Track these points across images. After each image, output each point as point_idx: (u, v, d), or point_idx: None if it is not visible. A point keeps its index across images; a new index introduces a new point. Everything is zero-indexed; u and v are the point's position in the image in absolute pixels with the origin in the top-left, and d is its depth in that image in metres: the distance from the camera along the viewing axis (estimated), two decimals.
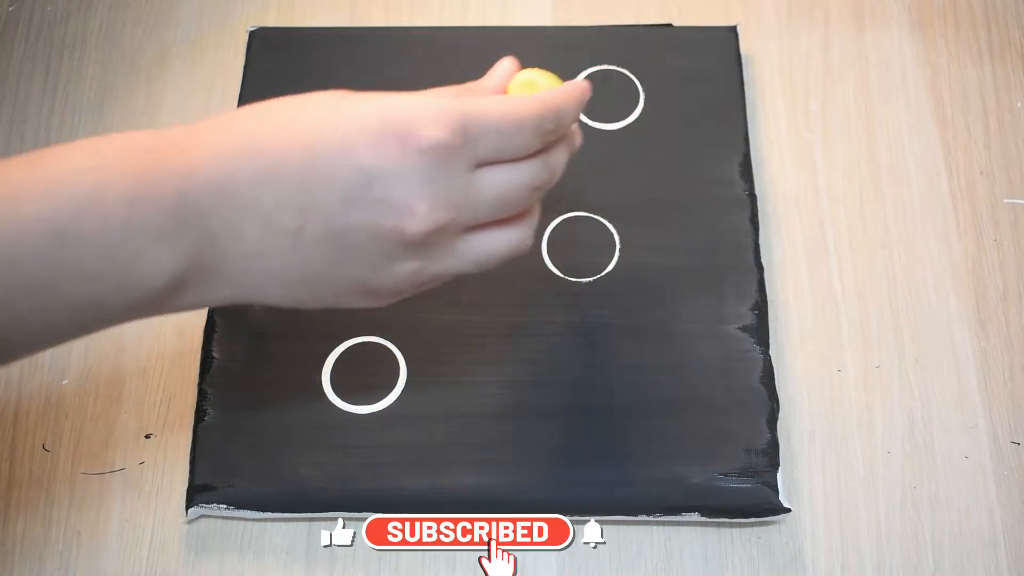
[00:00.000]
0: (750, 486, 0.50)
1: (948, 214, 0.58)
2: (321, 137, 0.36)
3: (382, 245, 0.38)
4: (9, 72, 0.63)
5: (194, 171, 0.36)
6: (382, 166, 0.36)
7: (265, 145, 0.36)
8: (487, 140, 0.38)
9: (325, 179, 0.36)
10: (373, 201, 0.36)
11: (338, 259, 0.38)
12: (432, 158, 0.36)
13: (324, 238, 0.37)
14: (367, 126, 0.37)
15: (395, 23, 0.64)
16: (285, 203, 0.36)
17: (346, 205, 0.36)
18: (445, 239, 0.39)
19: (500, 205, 0.39)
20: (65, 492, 0.52)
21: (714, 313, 0.54)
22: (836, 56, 0.63)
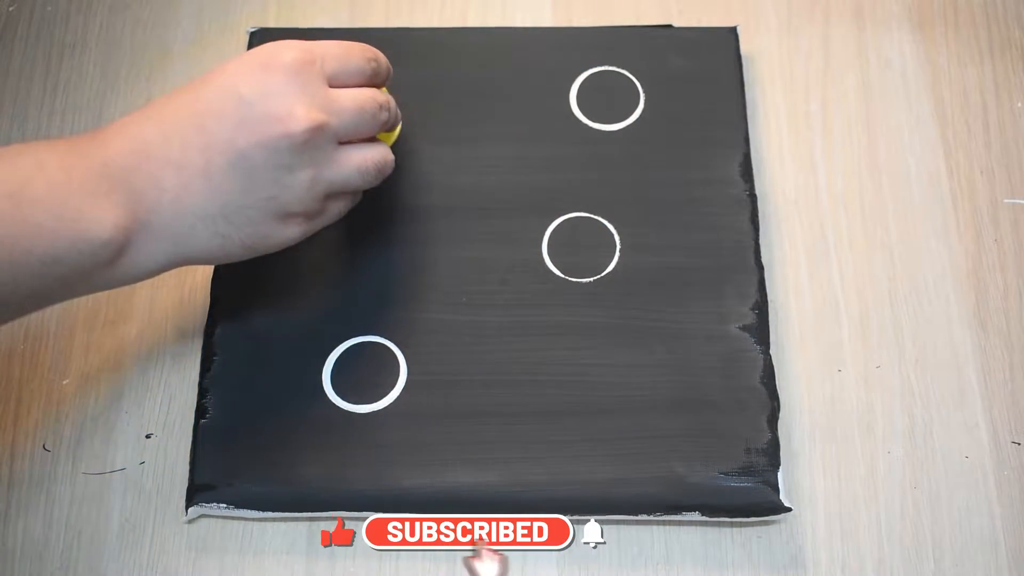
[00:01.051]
0: (750, 485, 0.50)
1: (948, 214, 0.58)
2: (204, 84, 0.45)
3: (277, 156, 0.44)
4: (9, 72, 0.63)
5: (109, 143, 0.43)
6: (256, 88, 0.44)
7: (163, 110, 0.45)
8: (330, 58, 0.47)
9: (215, 115, 0.44)
10: (258, 119, 0.44)
11: (246, 184, 0.44)
12: (293, 72, 0.45)
13: (229, 165, 0.44)
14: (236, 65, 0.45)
15: (395, 23, 0.64)
16: (189, 146, 0.44)
17: (237, 129, 0.44)
18: (324, 142, 0.46)
19: (359, 114, 0.47)
20: (65, 492, 0.52)
21: (714, 313, 0.54)
22: (836, 56, 0.63)
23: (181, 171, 0.44)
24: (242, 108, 0.44)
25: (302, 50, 0.46)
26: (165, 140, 0.44)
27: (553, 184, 0.57)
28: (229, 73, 0.45)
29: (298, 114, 0.44)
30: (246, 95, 0.44)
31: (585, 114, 0.59)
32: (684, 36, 0.61)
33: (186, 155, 0.44)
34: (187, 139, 0.44)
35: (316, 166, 0.46)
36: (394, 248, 0.56)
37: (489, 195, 0.57)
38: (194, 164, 0.44)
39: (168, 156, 0.43)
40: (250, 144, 0.44)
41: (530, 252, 0.55)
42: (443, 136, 0.59)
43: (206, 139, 0.44)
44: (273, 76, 0.45)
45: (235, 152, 0.44)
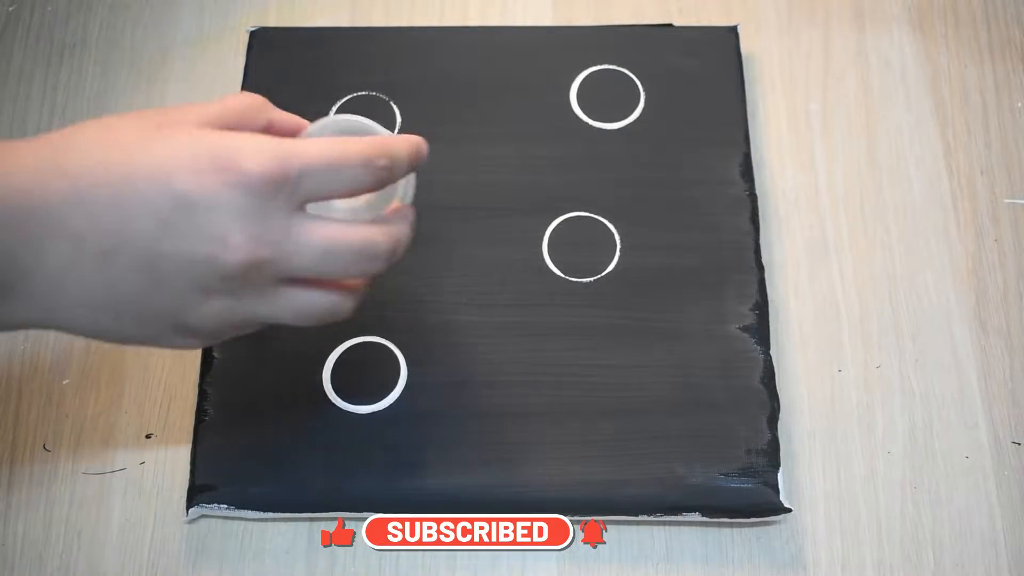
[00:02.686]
0: (750, 486, 0.50)
1: (948, 214, 0.58)
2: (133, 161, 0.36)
3: (195, 276, 0.37)
4: (9, 72, 0.63)
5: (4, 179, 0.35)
6: (201, 194, 0.35)
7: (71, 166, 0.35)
8: (312, 175, 0.37)
9: (140, 203, 0.35)
10: (190, 229, 0.36)
11: (149, 288, 0.37)
12: (251, 191, 0.36)
13: (137, 264, 0.36)
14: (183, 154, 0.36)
15: (395, 23, 0.64)
16: (97, 225, 0.35)
17: (162, 230, 0.35)
18: (261, 280, 0.38)
19: (324, 257, 0.38)
20: (65, 492, 0.52)
21: (714, 313, 0.54)
22: (836, 56, 0.63)
23: (76, 247, 0.35)
24: (175, 209, 0.35)
25: (276, 161, 0.36)
26: (70, 205, 0.35)
27: (553, 183, 0.57)
28: (172, 158, 0.36)
29: (235, 244, 0.36)
30: (186, 196, 0.35)
31: (586, 112, 0.59)
32: (684, 35, 0.62)
33: (90, 232, 0.35)
34: (97, 215, 0.35)
35: (239, 299, 0.38)
36: None
37: (489, 195, 0.57)
38: (95, 245, 0.35)
39: (65, 224, 0.35)
40: (168, 253, 0.36)
41: (530, 252, 0.55)
42: (443, 136, 0.59)
43: (119, 225, 0.35)
44: (225, 188, 0.35)
45: (150, 252, 0.36)
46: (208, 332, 0.39)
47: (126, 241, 0.35)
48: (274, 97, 0.60)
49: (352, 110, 0.59)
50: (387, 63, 0.61)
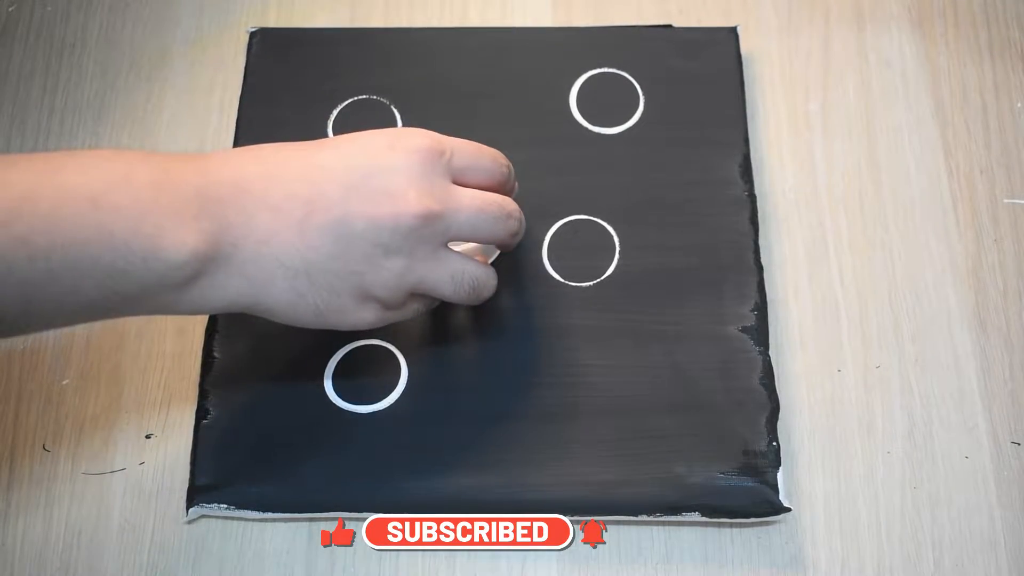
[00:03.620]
0: (750, 486, 0.50)
1: (948, 214, 0.58)
2: (321, 145, 0.44)
3: (379, 232, 0.43)
4: (9, 72, 0.63)
5: (208, 171, 0.42)
6: (377, 162, 0.43)
7: (272, 155, 0.44)
8: (460, 154, 0.46)
9: (328, 174, 0.43)
10: (371, 190, 0.43)
11: (338, 250, 0.43)
12: (418, 158, 0.44)
13: (328, 225, 0.42)
14: (361, 138, 0.45)
15: (395, 23, 0.64)
16: (292, 193, 0.42)
17: (347, 193, 0.42)
18: (429, 237, 0.44)
19: (477, 214, 0.46)
20: (65, 492, 0.52)
21: (714, 314, 0.54)
22: (836, 56, 0.63)
23: (276, 216, 0.42)
24: (357, 176, 0.43)
25: (433, 139, 0.45)
26: (268, 181, 0.42)
27: (553, 187, 0.57)
28: (352, 141, 0.44)
29: (411, 198, 0.43)
30: (364, 165, 0.43)
31: (585, 117, 0.59)
32: (684, 36, 0.61)
33: (286, 202, 0.42)
34: (291, 187, 0.42)
35: (413, 258, 0.44)
36: None
37: None
38: (292, 213, 0.42)
39: (267, 198, 0.42)
40: (355, 212, 0.42)
41: (530, 256, 0.55)
42: None
43: (311, 193, 0.42)
44: (397, 156, 0.44)
45: (338, 215, 0.42)
46: (387, 299, 0.45)
47: (318, 207, 0.42)
48: (274, 97, 0.60)
49: (352, 115, 0.59)
50: (387, 64, 0.61)
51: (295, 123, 0.59)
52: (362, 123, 0.59)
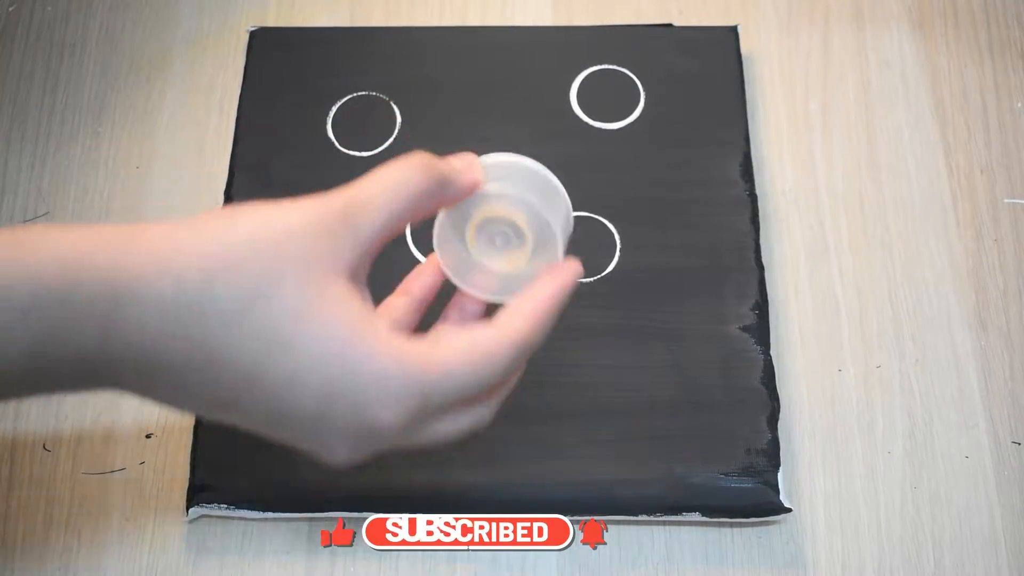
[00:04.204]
0: (751, 486, 0.50)
1: (948, 214, 0.58)
2: (263, 365, 0.32)
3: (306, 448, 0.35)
4: (9, 72, 0.63)
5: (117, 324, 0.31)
6: (321, 417, 0.33)
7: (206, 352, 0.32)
8: (447, 404, 0.35)
9: (259, 398, 0.32)
10: (302, 431, 0.34)
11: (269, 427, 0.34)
12: (377, 433, 0.34)
13: (241, 420, 0.34)
14: (317, 380, 0.32)
15: (395, 23, 0.64)
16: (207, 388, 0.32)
17: (273, 424, 0.34)
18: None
19: (450, 440, 0.37)
20: (65, 492, 0.52)
21: (715, 313, 0.54)
22: (836, 56, 0.63)
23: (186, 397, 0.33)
24: (293, 412, 0.33)
25: (410, 417, 0.33)
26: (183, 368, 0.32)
27: None
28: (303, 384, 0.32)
29: (340, 456, 0.35)
30: (309, 413, 0.33)
31: (586, 112, 0.59)
32: (684, 35, 0.62)
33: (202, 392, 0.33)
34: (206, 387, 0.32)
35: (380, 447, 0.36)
36: (394, 249, 0.56)
37: None
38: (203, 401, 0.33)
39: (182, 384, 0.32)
40: (281, 436, 0.34)
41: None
42: (442, 135, 0.59)
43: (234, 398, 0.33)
44: (350, 424, 0.33)
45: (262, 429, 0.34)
46: (344, 463, 0.36)
47: (237, 410, 0.33)
48: (274, 96, 0.60)
49: (352, 110, 0.59)
50: (387, 63, 0.61)
51: (295, 122, 0.59)
52: (362, 120, 0.59)
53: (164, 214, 0.59)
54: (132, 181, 0.60)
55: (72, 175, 0.60)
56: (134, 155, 0.61)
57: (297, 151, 0.59)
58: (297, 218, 0.33)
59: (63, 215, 0.59)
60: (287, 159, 0.58)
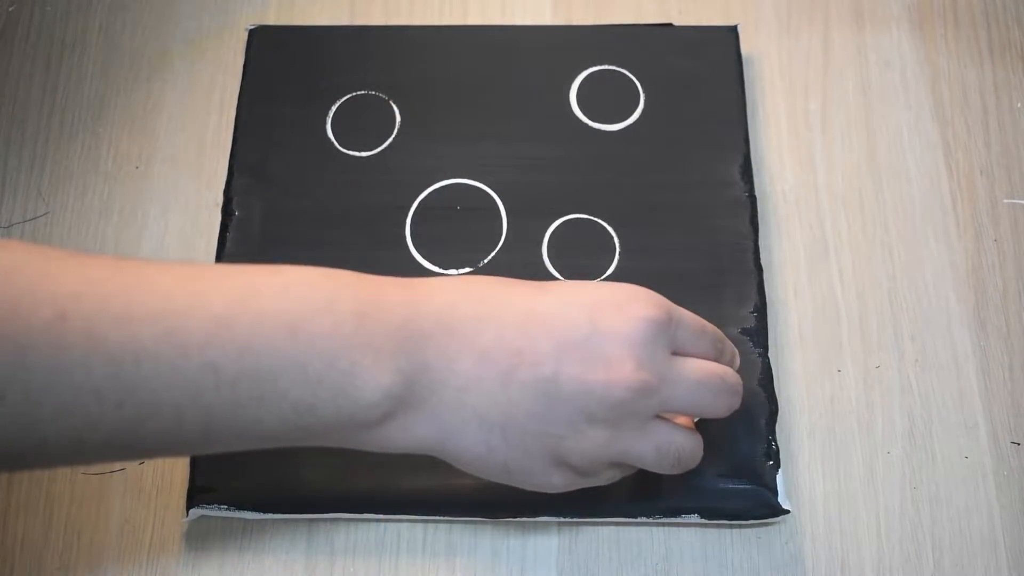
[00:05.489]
0: (749, 488, 0.49)
1: (948, 214, 0.58)
2: (545, 289, 0.41)
3: (587, 400, 0.39)
4: (9, 72, 0.63)
5: (418, 302, 0.39)
6: (598, 325, 0.40)
7: (487, 292, 0.41)
8: (684, 330, 0.42)
9: (544, 326, 0.39)
10: (587, 352, 0.39)
11: (540, 409, 0.40)
12: (644, 327, 0.40)
13: (534, 382, 0.39)
14: (591, 292, 0.42)
15: (395, 22, 0.64)
16: (504, 340, 0.39)
17: (561, 351, 0.39)
18: (641, 410, 0.41)
19: (697, 387, 0.42)
20: (65, 492, 0.52)
21: (714, 315, 0.53)
22: (836, 56, 0.63)
23: (482, 363, 0.39)
24: (576, 332, 0.39)
25: (662, 309, 0.41)
26: (478, 322, 0.39)
27: (553, 185, 0.57)
28: (575, 292, 0.41)
29: (628, 369, 0.39)
30: (585, 324, 0.40)
31: (585, 113, 0.59)
32: (684, 35, 0.61)
33: (495, 349, 0.39)
34: (504, 332, 0.39)
35: (618, 429, 0.41)
36: (394, 248, 0.56)
37: (488, 196, 0.57)
38: (499, 362, 0.39)
39: (475, 341, 0.39)
40: (566, 373, 0.39)
41: (529, 255, 0.55)
42: (442, 135, 0.59)
43: (523, 343, 0.39)
44: (622, 321, 0.40)
45: (547, 373, 0.39)
46: (582, 467, 0.42)
47: (527, 360, 0.39)
48: (274, 95, 0.60)
49: (351, 109, 0.59)
50: (387, 62, 0.61)
51: (294, 121, 0.59)
52: (362, 120, 0.59)
53: (164, 214, 0.59)
54: (132, 181, 0.60)
55: (72, 175, 0.60)
56: (134, 155, 0.61)
57: (297, 151, 0.59)
58: None
59: (63, 215, 0.59)
60: (287, 159, 0.58)
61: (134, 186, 0.60)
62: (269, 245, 0.56)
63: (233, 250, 0.56)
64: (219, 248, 0.56)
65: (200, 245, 0.58)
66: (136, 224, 0.59)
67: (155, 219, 0.59)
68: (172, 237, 0.58)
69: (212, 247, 0.56)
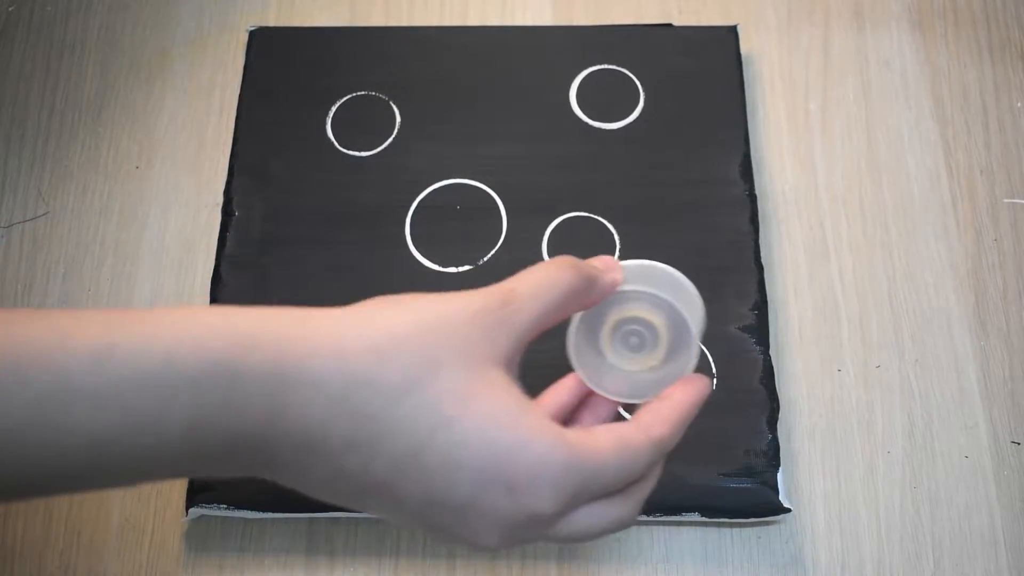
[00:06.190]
0: (750, 486, 0.50)
1: (948, 214, 0.58)
2: (430, 443, 0.33)
3: (456, 543, 0.36)
4: (9, 72, 0.63)
5: (278, 411, 0.32)
6: (478, 501, 0.33)
7: (370, 413, 0.32)
8: (600, 493, 0.35)
9: (420, 476, 0.33)
10: (456, 517, 0.34)
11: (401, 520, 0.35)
12: (525, 521, 0.34)
13: (394, 508, 0.34)
14: (476, 461, 0.33)
15: (395, 23, 0.64)
16: (368, 472, 0.33)
17: (429, 506, 0.34)
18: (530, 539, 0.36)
19: (596, 535, 0.36)
20: None
21: (714, 313, 0.53)
22: (836, 56, 0.63)
23: (336, 478, 0.34)
24: (453, 498, 0.33)
25: (561, 504, 0.34)
26: (346, 448, 0.33)
27: (553, 183, 0.57)
28: (474, 455, 0.33)
29: (491, 543, 0.34)
30: (466, 493, 0.33)
31: (585, 112, 0.59)
32: (684, 35, 0.61)
33: (358, 473, 0.33)
34: (373, 465, 0.33)
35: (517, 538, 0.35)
36: (394, 247, 0.56)
37: (488, 195, 0.57)
38: (358, 484, 0.34)
39: (336, 461, 0.33)
40: (432, 523, 0.34)
41: (529, 252, 0.55)
42: (442, 135, 0.59)
43: (392, 478, 0.33)
44: (509, 507, 0.33)
45: (412, 511, 0.34)
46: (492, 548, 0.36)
47: (390, 496, 0.34)
48: (274, 96, 0.60)
49: (352, 109, 0.59)
50: (387, 63, 0.61)
51: (295, 121, 0.59)
52: (362, 120, 0.59)
53: (164, 214, 0.59)
54: (132, 181, 0.60)
55: (72, 175, 0.60)
56: (134, 155, 0.61)
57: (297, 151, 0.59)
58: (459, 308, 0.34)
59: (63, 215, 0.59)
60: (287, 159, 0.58)
61: (134, 186, 0.60)
62: (269, 245, 0.56)
63: (233, 250, 0.56)
64: (219, 248, 0.56)
65: (200, 245, 0.58)
66: (136, 224, 0.59)
67: (155, 219, 0.59)
68: (172, 237, 0.58)
69: (212, 247, 0.56)
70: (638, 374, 0.39)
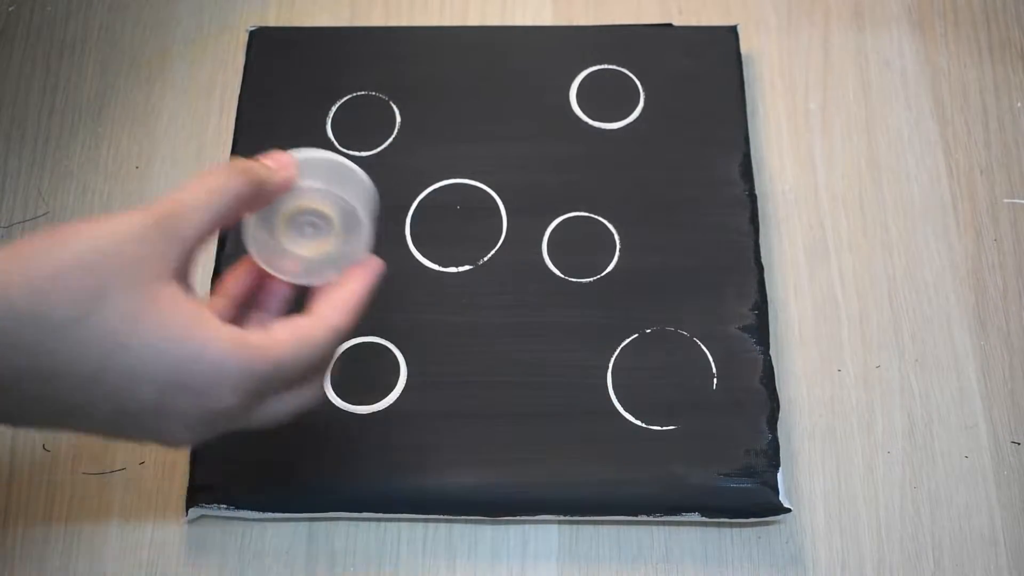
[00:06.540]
0: (750, 486, 0.50)
1: (948, 214, 0.58)
2: (116, 358, 0.34)
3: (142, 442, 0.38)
4: (9, 72, 0.63)
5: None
6: (164, 407, 0.35)
7: (56, 343, 0.33)
8: (280, 386, 0.38)
9: (108, 391, 0.34)
10: (142, 426, 0.36)
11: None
12: (211, 418, 0.36)
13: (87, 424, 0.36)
14: (164, 372, 0.34)
15: (395, 23, 0.64)
16: (59, 398, 0.34)
17: (119, 416, 0.35)
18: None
19: (284, 418, 0.39)
20: (65, 492, 0.52)
21: (714, 313, 0.54)
22: (836, 56, 0.63)
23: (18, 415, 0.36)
24: (140, 406, 0.35)
25: (246, 397, 0.36)
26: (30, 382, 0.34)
27: (553, 183, 0.57)
28: (161, 367, 0.34)
29: (181, 439, 0.37)
30: (152, 401, 0.35)
31: (585, 112, 0.59)
32: (684, 35, 0.62)
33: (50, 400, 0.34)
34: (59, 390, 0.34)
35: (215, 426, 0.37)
36: (394, 247, 0.56)
37: (488, 194, 0.57)
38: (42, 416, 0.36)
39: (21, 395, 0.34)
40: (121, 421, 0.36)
41: (530, 252, 0.56)
42: (442, 135, 0.59)
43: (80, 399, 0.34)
44: (193, 408, 0.36)
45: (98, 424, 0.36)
46: (185, 443, 0.38)
47: (81, 415, 0.35)
48: (274, 96, 0.60)
49: (352, 110, 0.59)
50: (387, 63, 0.61)
51: (294, 122, 0.59)
52: (362, 120, 0.59)
53: None
54: (132, 181, 0.60)
55: (72, 175, 0.60)
56: (134, 155, 0.61)
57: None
58: (123, 228, 0.35)
59: (63, 215, 0.59)
60: None
61: (134, 186, 0.60)
62: None
63: (233, 250, 0.56)
64: (219, 248, 0.56)
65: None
66: None
67: None
68: None
69: (211, 247, 0.56)
70: (314, 259, 0.41)
